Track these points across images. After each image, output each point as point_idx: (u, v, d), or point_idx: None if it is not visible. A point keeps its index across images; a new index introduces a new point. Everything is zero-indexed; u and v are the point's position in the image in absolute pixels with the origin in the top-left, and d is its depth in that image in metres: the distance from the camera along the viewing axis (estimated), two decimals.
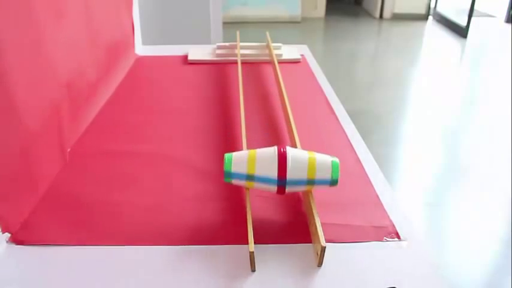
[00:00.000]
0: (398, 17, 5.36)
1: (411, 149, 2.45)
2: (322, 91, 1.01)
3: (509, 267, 1.53)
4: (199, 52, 1.23)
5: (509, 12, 5.45)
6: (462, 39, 4.60)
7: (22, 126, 0.60)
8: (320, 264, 0.51)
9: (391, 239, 0.56)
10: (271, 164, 0.54)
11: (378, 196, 0.65)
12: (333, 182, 0.56)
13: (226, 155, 0.56)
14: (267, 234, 0.56)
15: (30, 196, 0.62)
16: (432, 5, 5.37)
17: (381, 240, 0.56)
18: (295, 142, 0.71)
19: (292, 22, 5.21)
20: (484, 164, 2.17)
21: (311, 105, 0.94)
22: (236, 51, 1.18)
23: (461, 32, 4.69)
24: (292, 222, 0.59)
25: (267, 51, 1.23)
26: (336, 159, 0.56)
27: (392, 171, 2.18)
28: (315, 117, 0.89)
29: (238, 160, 0.56)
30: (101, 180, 0.68)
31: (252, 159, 0.55)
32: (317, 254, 0.52)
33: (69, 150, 0.75)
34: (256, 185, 0.56)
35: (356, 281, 0.50)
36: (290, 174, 0.54)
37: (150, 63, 1.20)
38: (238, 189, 0.65)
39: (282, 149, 0.55)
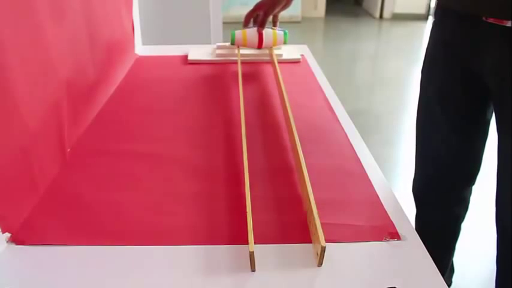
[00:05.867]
0: (399, 17, 5.35)
1: (411, 149, 2.45)
2: (322, 91, 1.01)
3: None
4: (199, 52, 1.23)
5: None
6: None
7: (22, 126, 0.60)
8: (320, 264, 0.51)
9: (391, 239, 0.56)
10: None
11: (378, 196, 0.64)
12: (285, 32, 1.14)
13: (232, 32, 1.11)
14: (267, 234, 0.56)
15: (30, 196, 0.62)
16: (432, 5, 5.37)
17: (380, 240, 0.56)
18: (295, 142, 0.71)
19: (292, 22, 5.20)
20: (483, 164, 2.17)
21: (311, 105, 0.94)
22: (236, 51, 1.18)
23: None
24: (292, 222, 0.59)
25: (267, 51, 1.22)
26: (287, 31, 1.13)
27: (392, 171, 2.18)
28: (315, 117, 0.89)
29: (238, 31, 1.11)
30: (101, 180, 0.68)
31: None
32: (317, 254, 0.52)
33: (69, 150, 0.75)
34: (248, 33, 1.11)
35: (356, 281, 0.50)
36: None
37: (150, 63, 1.20)
38: (238, 189, 0.65)
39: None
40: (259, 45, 1.11)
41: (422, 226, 1.16)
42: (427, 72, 0.99)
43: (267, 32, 1.11)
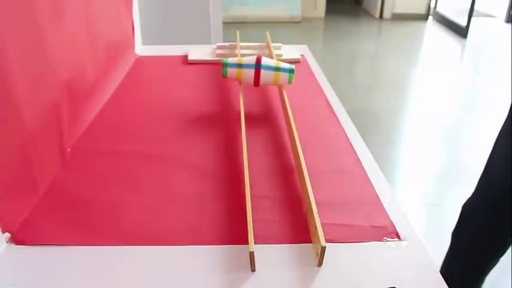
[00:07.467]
0: (398, 17, 5.36)
1: (411, 149, 2.45)
2: (322, 91, 1.01)
3: (509, 267, 1.53)
4: (199, 52, 1.23)
5: (509, 12, 5.46)
6: (462, 39, 4.60)
7: (22, 126, 0.60)
8: (320, 264, 0.51)
9: (391, 239, 0.56)
10: (252, 58, 0.88)
11: (378, 196, 0.65)
12: (291, 70, 0.88)
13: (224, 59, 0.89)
14: (267, 234, 0.56)
15: (30, 196, 0.62)
16: (432, 5, 5.37)
17: (381, 240, 0.56)
18: (295, 142, 0.71)
19: (292, 22, 5.21)
20: (483, 164, 2.16)
21: (311, 105, 0.94)
22: (236, 51, 1.18)
23: (461, 32, 4.69)
24: (292, 222, 0.59)
25: (267, 51, 1.23)
26: (293, 66, 0.89)
27: (392, 171, 2.18)
28: (315, 117, 0.89)
29: (232, 59, 0.89)
30: (100, 180, 0.68)
31: (239, 59, 0.88)
32: (317, 254, 0.52)
33: (69, 150, 0.75)
34: (243, 72, 0.87)
35: (356, 281, 0.50)
36: (263, 61, 0.87)
37: (150, 63, 1.20)
38: (238, 189, 0.65)
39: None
40: (256, 83, 0.88)
41: (459, 243, 1.15)
42: None
43: (267, 71, 0.87)
